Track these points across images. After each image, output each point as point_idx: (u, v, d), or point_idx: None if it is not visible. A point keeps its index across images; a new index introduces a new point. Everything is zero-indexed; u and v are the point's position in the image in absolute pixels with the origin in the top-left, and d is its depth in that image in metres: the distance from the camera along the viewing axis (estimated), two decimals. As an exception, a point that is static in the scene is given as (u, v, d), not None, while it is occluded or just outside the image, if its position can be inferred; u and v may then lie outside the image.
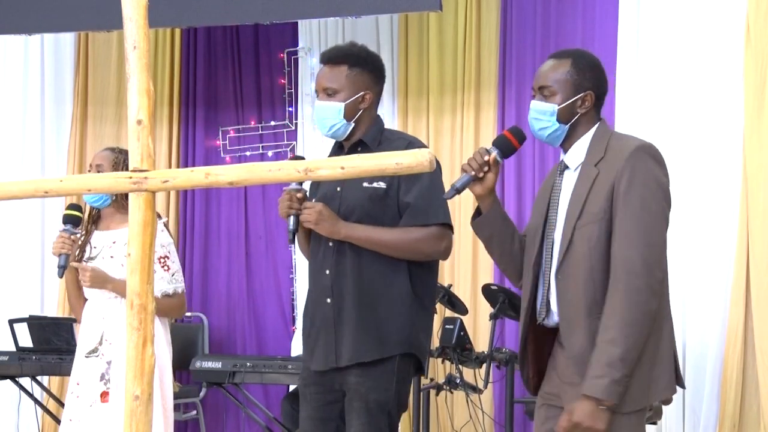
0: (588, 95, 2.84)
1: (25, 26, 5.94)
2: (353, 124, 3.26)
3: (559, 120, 2.82)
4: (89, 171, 3.95)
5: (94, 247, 3.93)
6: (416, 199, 3.21)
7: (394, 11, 5.76)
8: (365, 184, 3.22)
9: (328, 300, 3.25)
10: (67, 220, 3.90)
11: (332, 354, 3.23)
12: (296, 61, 6.42)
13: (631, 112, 5.37)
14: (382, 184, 3.22)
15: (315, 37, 6.35)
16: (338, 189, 3.28)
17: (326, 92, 3.25)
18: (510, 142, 2.88)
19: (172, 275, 3.93)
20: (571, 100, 2.82)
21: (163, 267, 3.89)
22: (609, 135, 2.85)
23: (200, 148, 6.63)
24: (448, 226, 3.26)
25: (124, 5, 2.14)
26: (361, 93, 3.25)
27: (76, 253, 3.93)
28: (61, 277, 3.88)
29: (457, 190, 2.82)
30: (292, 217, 3.16)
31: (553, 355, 2.90)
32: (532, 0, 5.86)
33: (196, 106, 6.62)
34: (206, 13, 5.69)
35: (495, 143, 2.87)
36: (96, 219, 4.01)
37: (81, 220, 3.93)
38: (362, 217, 3.23)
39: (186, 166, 6.51)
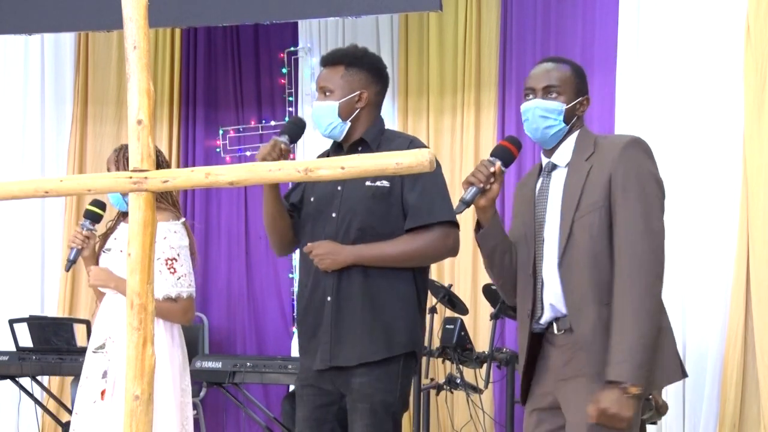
0: (586, 99, 2.94)
1: (25, 26, 5.93)
2: (349, 123, 3.28)
3: (564, 120, 2.88)
4: None
5: (115, 239, 3.90)
6: (419, 199, 3.22)
7: (394, 11, 5.77)
8: (368, 183, 3.23)
9: (329, 298, 3.24)
10: (87, 215, 3.87)
11: (327, 353, 3.23)
12: (296, 61, 6.42)
13: (631, 112, 5.37)
14: (386, 183, 3.23)
15: (315, 37, 6.36)
16: (338, 188, 3.28)
17: (323, 91, 3.28)
18: (510, 151, 2.89)
19: (178, 279, 3.80)
20: (575, 101, 2.90)
21: (169, 269, 3.79)
22: (593, 135, 2.93)
23: (200, 148, 6.64)
24: (453, 224, 3.27)
25: (124, 5, 2.14)
26: (357, 92, 3.27)
27: (94, 245, 3.91)
28: (67, 270, 3.88)
29: (467, 204, 2.83)
30: None
31: (544, 357, 2.90)
32: (532, 0, 5.87)
33: (196, 106, 6.63)
34: (206, 13, 5.69)
35: (495, 154, 2.89)
36: (126, 212, 3.94)
37: (101, 217, 3.90)
38: (365, 215, 3.23)
39: (186, 166, 6.51)
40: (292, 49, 6.44)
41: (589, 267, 2.76)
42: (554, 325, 2.86)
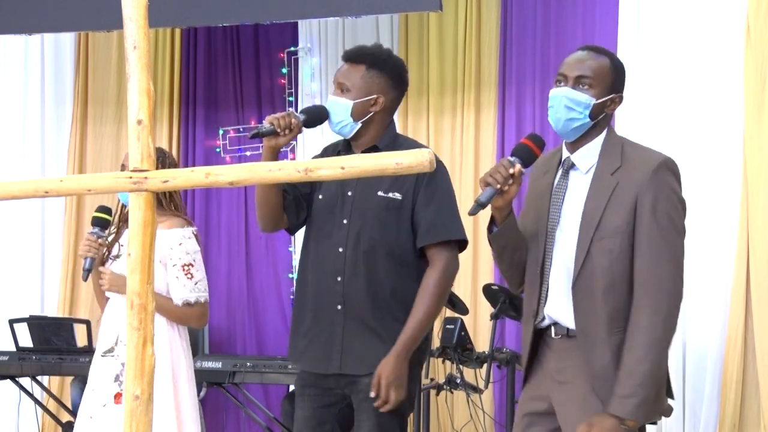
0: (618, 97, 2.79)
1: (25, 26, 5.94)
2: (360, 125, 3.22)
3: (590, 115, 2.73)
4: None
5: (122, 245, 3.89)
6: (435, 216, 3.17)
7: (394, 11, 5.77)
8: (380, 193, 3.18)
9: (339, 306, 3.21)
10: (96, 222, 3.85)
11: (338, 360, 3.21)
12: (296, 61, 6.42)
13: (631, 113, 5.37)
14: (398, 195, 3.18)
15: (315, 37, 6.36)
16: (349, 193, 3.23)
17: (340, 87, 3.22)
18: (531, 151, 2.76)
19: (195, 284, 3.84)
20: (606, 98, 2.75)
21: (186, 275, 3.82)
22: (621, 142, 2.79)
23: (200, 148, 6.64)
24: (463, 242, 3.24)
25: (124, 5, 2.14)
26: (374, 96, 3.20)
27: (104, 252, 3.90)
28: (85, 280, 3.84)
29: (482, 205, 2.68)
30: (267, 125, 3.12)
31: (540, 359, 2.86)
32: (532, 0, 5.87)
33: (196, 106, 6.62)
34: (206, 13, 5.69)
35: (516, 153, 2.75)
36: (127, 217, 3.94)
37: (109, 223, 3.88)
38: (376, 225, 3.18)
39: (186, 166, 6.51)
40: (292, 49, 6.44)
41: (604, 294, 2.68)
42: (552, 329, 2.81)
